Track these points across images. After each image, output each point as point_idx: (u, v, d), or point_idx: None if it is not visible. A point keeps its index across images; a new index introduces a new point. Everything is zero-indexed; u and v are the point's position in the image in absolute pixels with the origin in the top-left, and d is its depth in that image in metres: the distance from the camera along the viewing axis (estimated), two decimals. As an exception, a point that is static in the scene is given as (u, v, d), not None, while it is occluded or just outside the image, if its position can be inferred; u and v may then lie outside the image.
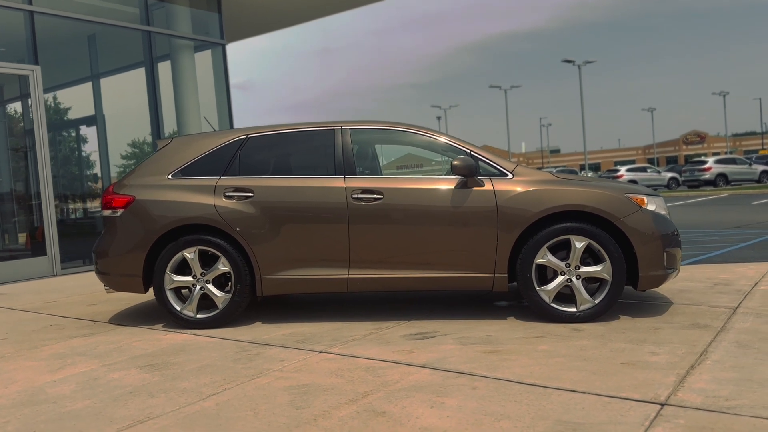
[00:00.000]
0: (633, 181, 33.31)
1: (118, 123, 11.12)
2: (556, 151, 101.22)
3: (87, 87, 11.41)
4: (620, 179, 33.50)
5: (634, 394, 2.94)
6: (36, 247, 8.52)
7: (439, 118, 68.10)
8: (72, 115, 11.70)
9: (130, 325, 5.03)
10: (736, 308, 4.60)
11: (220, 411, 2.99)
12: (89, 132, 11.98)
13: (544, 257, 4.40)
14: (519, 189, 4.45)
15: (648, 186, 33.56)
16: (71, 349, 4.37)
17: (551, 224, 4.40)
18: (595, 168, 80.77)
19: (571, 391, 3.03)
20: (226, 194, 4.69)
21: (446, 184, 4.54)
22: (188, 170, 4.85)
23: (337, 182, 4.63)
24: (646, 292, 5.32)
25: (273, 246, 4.61)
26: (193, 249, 4.68)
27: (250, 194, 4.67)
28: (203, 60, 11.27)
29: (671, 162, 77.67)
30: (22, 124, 8.92)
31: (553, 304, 4.41)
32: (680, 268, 4.78)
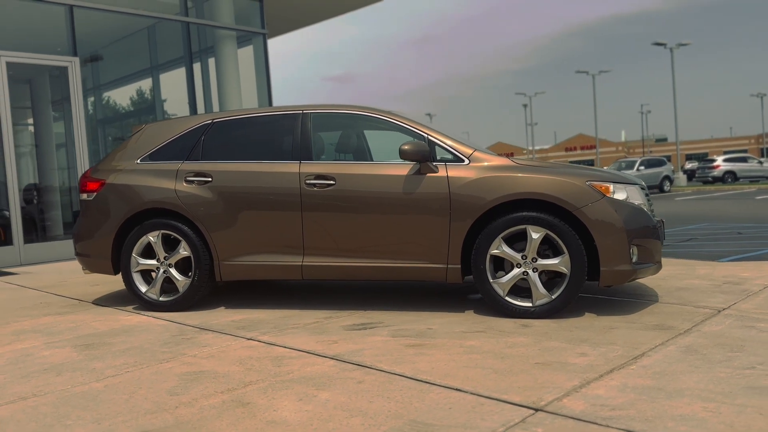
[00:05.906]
0: (730, 172, 31.07)
1: (176, 114, 11.54)
2: (662, 140, 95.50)
3: (147, 81, 11.96)
4: (716, 169, 31.33)
5: (516, 397, 2.69)
6: (74, 230, 9.02)
7: (525, 105, 65.97)
8: (130, 107, 12.28)
9: (107, 305, 5.18)
10: (723, 310, 4.15)
11: (101, 393, 3.00)
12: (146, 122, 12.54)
13: (499, 248, 4.13)
14: (473, 176, 4.20)
15: (748, 178, 31.23)
16: (36, 326, 4.55)
17: (509, 213, 4.13)
18: (702, 157, 75.87)
19: (455, 389, 2.81)
20: (187, 179, 4.73)
21: (400, 171, 4.35)
22: (156, 155, 4.92)
23: (292, 167, 4.54)
24: (637, 289, 4.91)
25: (230, 231, 4.60)
26: (156, 233, 4.75)
27: (209, 179, 4.68)
28: (246, 54, 11.47)
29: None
30: (64, 115, 9.43)
31: (507, 298, 4.14)
32: (661, 262, 4.37)
